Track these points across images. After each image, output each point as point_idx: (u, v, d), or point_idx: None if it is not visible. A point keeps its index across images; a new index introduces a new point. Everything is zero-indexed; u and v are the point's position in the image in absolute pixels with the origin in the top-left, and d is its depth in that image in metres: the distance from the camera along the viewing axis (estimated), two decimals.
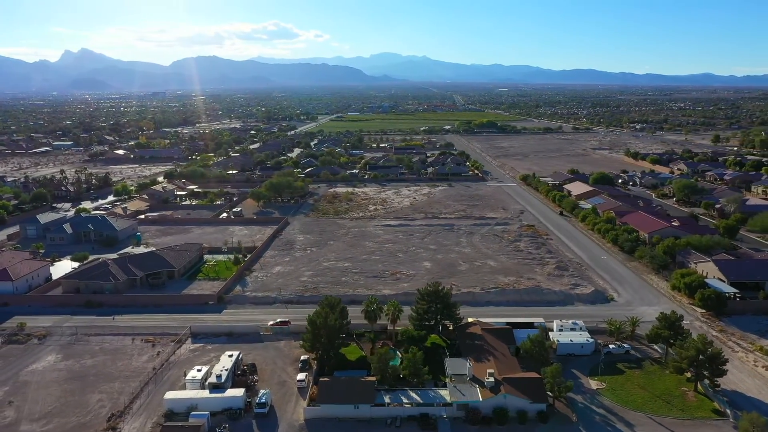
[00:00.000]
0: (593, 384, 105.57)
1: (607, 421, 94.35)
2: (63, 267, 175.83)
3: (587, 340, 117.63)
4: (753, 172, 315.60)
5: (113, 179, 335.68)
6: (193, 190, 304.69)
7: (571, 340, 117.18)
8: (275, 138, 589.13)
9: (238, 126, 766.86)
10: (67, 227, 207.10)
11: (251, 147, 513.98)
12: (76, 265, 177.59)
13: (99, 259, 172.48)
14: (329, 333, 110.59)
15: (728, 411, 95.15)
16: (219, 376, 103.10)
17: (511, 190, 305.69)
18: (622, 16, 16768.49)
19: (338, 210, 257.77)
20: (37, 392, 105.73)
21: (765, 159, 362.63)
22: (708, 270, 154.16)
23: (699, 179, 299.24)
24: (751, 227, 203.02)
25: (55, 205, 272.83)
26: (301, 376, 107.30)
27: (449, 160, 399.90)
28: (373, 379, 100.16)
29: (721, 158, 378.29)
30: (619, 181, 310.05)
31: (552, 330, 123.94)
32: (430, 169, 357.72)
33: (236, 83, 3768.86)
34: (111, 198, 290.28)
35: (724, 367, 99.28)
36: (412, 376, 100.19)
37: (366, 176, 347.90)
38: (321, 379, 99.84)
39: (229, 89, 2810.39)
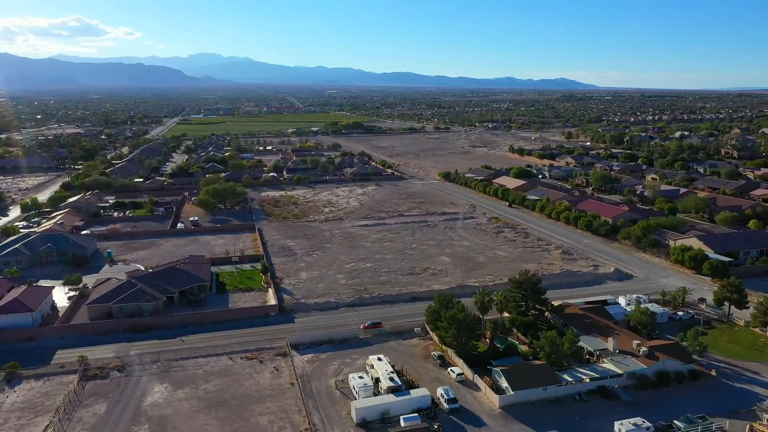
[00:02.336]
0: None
1: (735, 372, 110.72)
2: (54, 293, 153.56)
3: (663, 310, 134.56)
4: (632, 163, 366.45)
5: None
6: (111, 201, 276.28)
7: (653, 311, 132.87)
8: (147, 144, 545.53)
9: (82, 131, 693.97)
10: (23, 248, 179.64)
11: (124, 152, 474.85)
12: (66, 289, 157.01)
13: (110, 279, 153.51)
14: (469, 327, 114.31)
15: None
16: (392, 379, 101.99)
17: (439, 187, 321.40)
18: (438, 17, 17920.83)
19: (295, 214, 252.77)
20: (189, 424, 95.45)
21: (629, 152, 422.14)
22: (690, 244, 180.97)
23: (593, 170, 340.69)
24: (680, 208, 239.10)
25: None
26: (456, 369, 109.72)
27: (356, 160, 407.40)
28: (541, 362, 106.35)
29: (592, 152, 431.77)
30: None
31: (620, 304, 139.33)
32: (348, 170, 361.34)
33: (36, 84, 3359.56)
34: (18, 213, 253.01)
35: None
36: (575, 355, 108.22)
37: (286, 179, 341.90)
38: (500, 369, 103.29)
39: (29, 90, 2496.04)
